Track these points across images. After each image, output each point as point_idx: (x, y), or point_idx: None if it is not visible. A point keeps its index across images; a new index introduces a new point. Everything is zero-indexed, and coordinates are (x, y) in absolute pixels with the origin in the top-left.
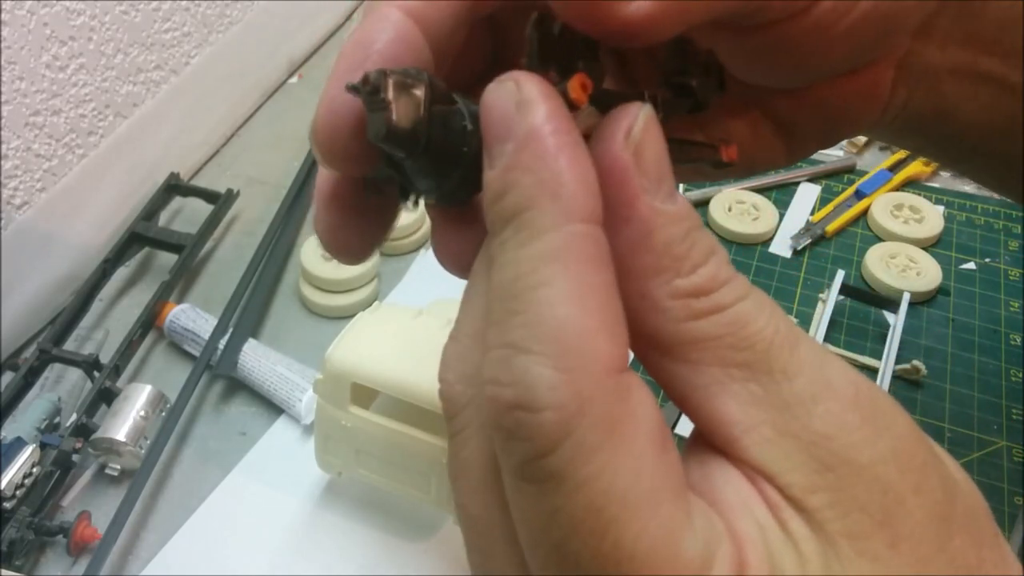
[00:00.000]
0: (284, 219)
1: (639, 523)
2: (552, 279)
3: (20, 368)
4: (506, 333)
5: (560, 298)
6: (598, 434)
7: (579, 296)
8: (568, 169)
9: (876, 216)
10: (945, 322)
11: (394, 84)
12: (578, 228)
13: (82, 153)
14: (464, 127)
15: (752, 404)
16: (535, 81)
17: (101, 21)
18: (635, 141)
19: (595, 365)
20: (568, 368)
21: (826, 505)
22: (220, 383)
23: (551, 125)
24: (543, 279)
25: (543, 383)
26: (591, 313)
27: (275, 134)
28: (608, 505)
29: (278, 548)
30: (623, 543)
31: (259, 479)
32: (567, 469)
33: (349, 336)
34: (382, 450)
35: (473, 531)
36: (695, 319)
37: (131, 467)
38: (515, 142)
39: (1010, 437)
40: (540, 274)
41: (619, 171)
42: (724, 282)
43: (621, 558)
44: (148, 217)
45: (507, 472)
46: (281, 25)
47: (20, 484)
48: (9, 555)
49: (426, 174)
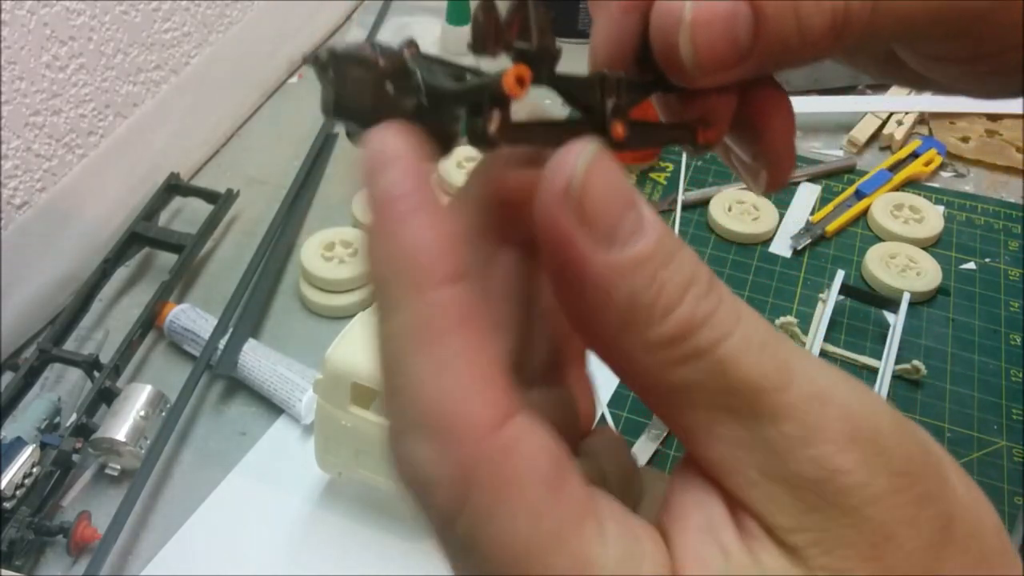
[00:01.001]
0: (284, 219)
1: (547, 563)
2: (413, 356)
3: (20, 368)
4: (391, 415)
5: (424, 375)
6: (489, 497)
7: (440, 370)
8: (416, 237)
9: (876, 216)
10: (945, 322)
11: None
12: (432, 297)
13: (82, 153)
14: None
15: (738, 447)
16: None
17: (101, 21)
18: (576, 193)
19: (470, 433)
20: (445, 443)
21: (810, 544)
22: (220, 383)
23: (399, 189)
24: (405, 357)
25: (427, 462)
26: (457, 382)
27: (275, 134)
28: (517, 557)
29: (278, 548)
30: None
31: (259, 479)
32: (471, 535)
33: (349, 336)
34: (382, 450)
35: None
36: (675, 366)
37: (131, 467)
38: (371, 210)
39: (1010, 437)
40: (402, 351)
41: (561, 235)
42: (703, 321)
43: None
44: (148, 217)
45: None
46: (281, 25)
47: (20, 484)
48: (9, 555)
49: None
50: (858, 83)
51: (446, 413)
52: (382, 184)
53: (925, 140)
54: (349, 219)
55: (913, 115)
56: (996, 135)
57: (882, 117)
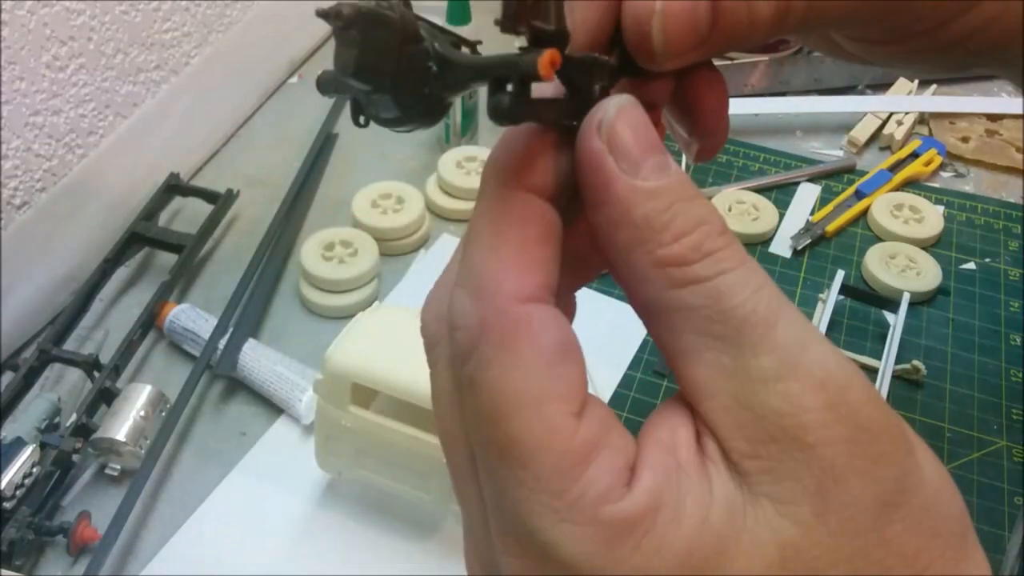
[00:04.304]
0: (284, 219)
1: (523, 417)
2: (480, 232)
3: (20, 368)
4: (457, 274)
5: (484, 245)
6: (492, 349)
7: (495, 245)
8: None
9: (876, 216)
10: (945, 322)
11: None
12: (509, 193)
13: (82, 153)
14: (428, 68)
15: (719, 373)
16: None
17: (101, 21)
18: (607, 129)
19: (498, 296)
20: (477, 297)
21: (761, 471)
22: (220, 383)
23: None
24: (475, 232)
25: (461, 308)
26: (502, 258)
27: (275, 134)
28: (502, 403)
29: (278, 548)
30: (511, 432)
31: (259, 479)
32: (475, 375)
33: (349, 336)
34: (382, 450)
35: (445, 443)
36: (675, 288)
37: (131, 467)
38: None
39: (1010, 437)
40: (479, 225)
41: (593, 159)
42: (708, 253)
43: (511, 443)
44: (148, 217)
45: None
46: (281, 25)
47: (20, 484)
48: (9, 555)
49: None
50: (858, 83)
51: (486, 276)
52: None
53: (925, 140)
54: (349, 219)
55: (913, 115)
56: (996, 135)
57: (882, 117)
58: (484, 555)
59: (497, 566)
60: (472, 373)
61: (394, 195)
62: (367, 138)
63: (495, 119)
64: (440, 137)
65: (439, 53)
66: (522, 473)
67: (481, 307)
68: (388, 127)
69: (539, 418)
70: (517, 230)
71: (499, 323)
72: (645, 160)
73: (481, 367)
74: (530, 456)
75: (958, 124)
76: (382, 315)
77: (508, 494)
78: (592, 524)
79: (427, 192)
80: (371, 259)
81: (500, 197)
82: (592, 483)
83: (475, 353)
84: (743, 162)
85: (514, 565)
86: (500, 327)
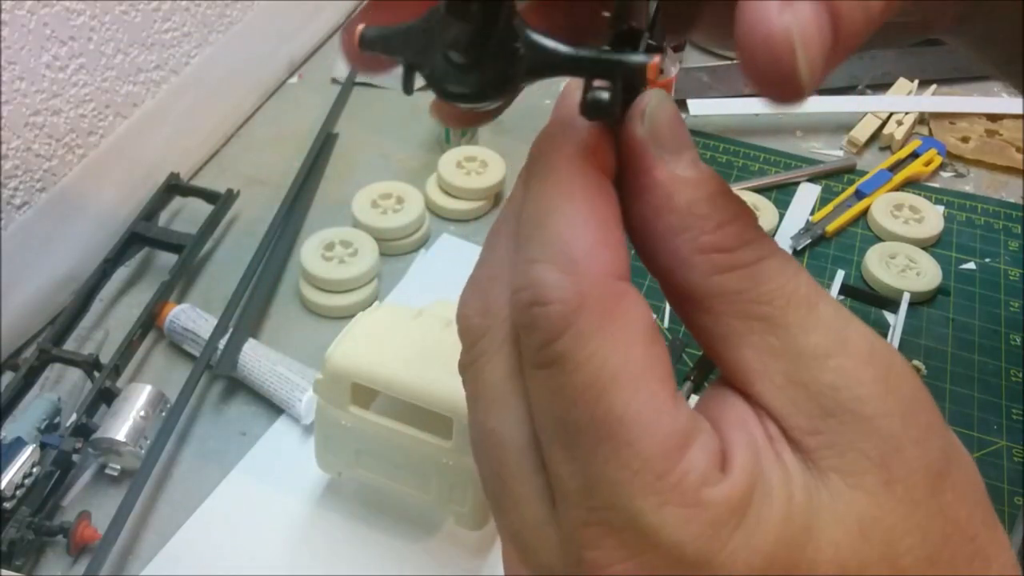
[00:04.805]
0: (284, 219)
1: (626, 395)
2: (561, 208)
3: (20, 368)
4: (528, 252)
5: (566, 220)
6: (594, 323)
7: (582, 219)
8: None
9: (876, 216)
10: (945, 322)
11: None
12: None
13: (82, 153)
14: (516, 50)
15: (768, 354)
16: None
17: (101, 21)
18: (650, 119)
19: (593, 270)
20: (571, 271)
21: (824, 446)
22: (220, 383)
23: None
24: (555, 207)
25: (550, 283)
26: (591, 231)
27: (275, 134)
28: (601, 379)
29: (278, 548)
30: (613, 409)
31: (259, 479)
32: (569, 351)
33: (349, 336)
34: (382, 450)
35: (488, 443)
36: (719, 273)
37: (131, 467)
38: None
39: (1010, 437)
40: (553, 203)
41: (637, 145)
42: (747, 242)
43: (611, 421)
44: (148, 217)
45: (526, 365)
46: (281, 25)
47: (20, 484)
48: (9, 555)
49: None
50: (858, 83)
51: (581, 250)
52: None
53: (925, 140)
54: (349, 219)
55: (913, 115)
56: (996, 135)
57: (882, 117)
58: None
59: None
60: (566, 349)
61: (394, 195)
62: (367, 138)
63: (591, 114)
64: (440, 137)
65: (531, 37)
66: (626, 453)
67: (578, 281)
68: (450, 100)
69: (645, 396)
70: (602, 208)
71: (600, 296)
72: (683, 152)
73: (580, 342)
74: (636, 436)
75: (958, 124)
76: (382, 315)
77: (607, 476)
78: (695, 507)
79: (427, 192)
80: (371, 259)
81: (580, 175)
82: (693, 465)
83: (571, 328)
84: (743, 162)
85: (601, 558)
86: (601, 300)
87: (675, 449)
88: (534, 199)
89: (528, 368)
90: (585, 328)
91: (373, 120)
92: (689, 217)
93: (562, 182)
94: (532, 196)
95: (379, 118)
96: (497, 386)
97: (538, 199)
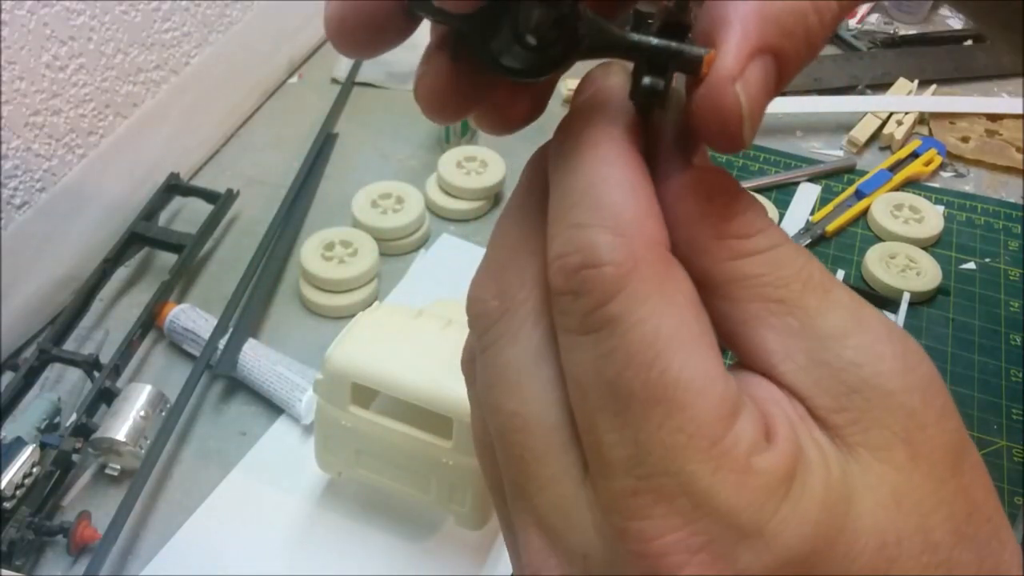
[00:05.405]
0: (284, 219)
1: (683, 357)
2: (611, 176)
3: (20, 368)
4: (572, 218)
5: (615, 188)
6: (649, 286)
7: (631, 188)
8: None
9: (876, 216)
10: (945, 322)
11: None
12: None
13: (82, 153)
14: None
15: (789, 335)
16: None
17: (101, 21)
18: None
19: (645, 235)
20: (624, 234)
21: (850, 422)
22: (220, 383)
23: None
24: (604, 176)
25: (604, 245)
26: (641, 200)
27: (275, 134)
28: (657, 341)
29: (278, 548)
30: (669, 371)
31: (259, 479)
32: (623, 313)
33: (349, 336)
34: (382, 450)
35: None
36: (737, 259)
37: (131, 467)
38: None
39: (1010, 437)
40: (600, 173)
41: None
42: (761, 230)
43: (667, 384)
44: (148, 217)
45: (567, 334)
46: (281, 25)
47: (20, 484)
48: (9, 555)
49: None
50: (858, 83)
51: (631, 215)
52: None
53: (925, 140)
54: (349, 219)
55: (913, 115)
56: (996, 135)
57: (882, 117)
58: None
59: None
60: (621, 311)
61: (394, 195)
62: (367, 138)
63: (644, 99)
64: (440, 137)
65: (592, 18)
66: (680, 417)
67: (632, 243)
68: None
69: (699, 360)
70: (644, 182)
71: (654, 259)
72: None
73: (634, 304)
74: (691, 400)
75: (958, 124)
76: (382, 315)
77: (660, 440)
78: (748, 473)
79: (427, 192)
80: (371, 259)
81: (625, 151)
82: (744, 432)
83: (626, 290)
84: (743, 162)
85: (650, 529)
86: (655, 262)
87: (728, 415)
88: (576, 170)
89: (570, 337)
90: (641, 290)
91: (373, 120)
92: (709, 205)
93: (610, 155)
94: (573, 167)
95: (379, 118)
96: (520, 367)
97: (582, 170)
